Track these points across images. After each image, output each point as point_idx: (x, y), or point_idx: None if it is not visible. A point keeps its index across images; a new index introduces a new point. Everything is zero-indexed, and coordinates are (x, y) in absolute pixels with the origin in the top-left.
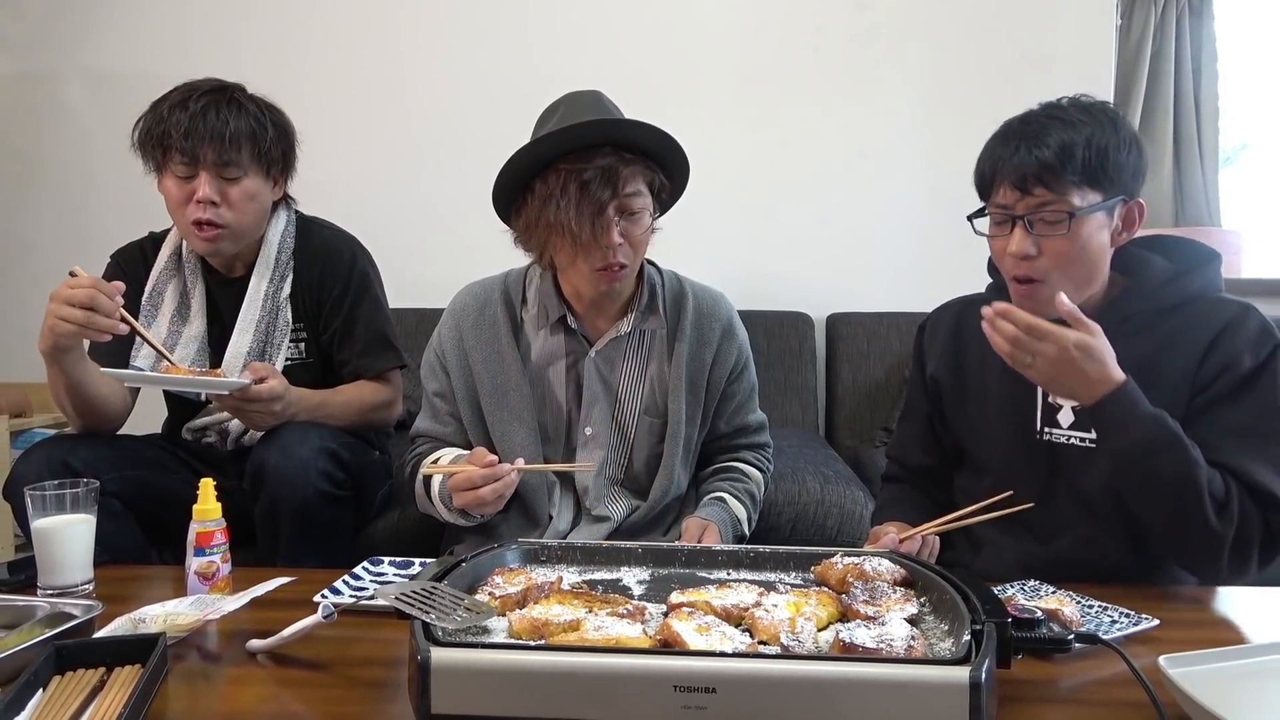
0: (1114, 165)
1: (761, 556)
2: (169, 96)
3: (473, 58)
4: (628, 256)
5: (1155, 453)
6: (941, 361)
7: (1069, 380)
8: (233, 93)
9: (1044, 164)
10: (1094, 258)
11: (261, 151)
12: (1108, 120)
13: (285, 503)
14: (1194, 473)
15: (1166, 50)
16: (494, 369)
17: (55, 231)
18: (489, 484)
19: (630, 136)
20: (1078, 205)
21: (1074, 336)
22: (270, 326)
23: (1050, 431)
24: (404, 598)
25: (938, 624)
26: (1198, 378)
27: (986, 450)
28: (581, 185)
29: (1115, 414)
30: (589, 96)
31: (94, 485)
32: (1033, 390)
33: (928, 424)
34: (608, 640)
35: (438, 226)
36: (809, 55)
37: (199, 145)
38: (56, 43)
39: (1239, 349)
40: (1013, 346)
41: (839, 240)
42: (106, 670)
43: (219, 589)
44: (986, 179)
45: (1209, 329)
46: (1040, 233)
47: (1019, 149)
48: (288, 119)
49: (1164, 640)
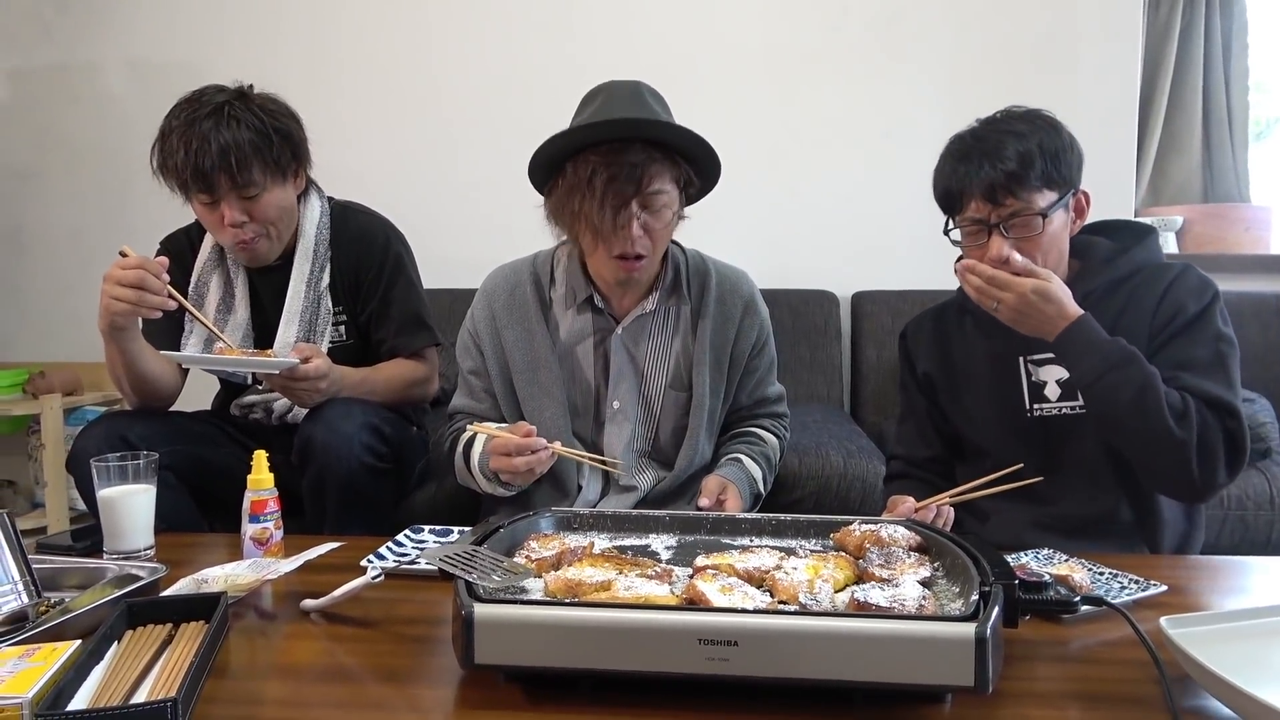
0: (1065, 165)
1: (783, 524)
2: (173, 125)
3: (503, 39)
4: (647, 248)
5: (1113, 369)
6: (930, 360)
7: (1032, 320)
8: (229, 109)
9: (1010, 175)
10: (1060, 246)
11: (270, 161)
12: (1049, 126)
13: (331, 474)
14: (1152, 384)
15: (1196, 24)
16: (525, 347)
17: (101, 217)
18: (522, 455)
19: (661, 134)
20: (1043, 207)
21: (1030, 284)
22: (313, 315)
23: (1040, 408)
24: (448, 559)
25: (949, 586)
26: (1152, 328)
27: (983, 435)
28: (607, 179)
29: (1076, 343)
30: (628, 88)
31: (153, 457)
32: (1017, 374)
33: (927, 418)
34: (637, 598)
35: (469, 208)
36: (834, 35)
37: (210, 174)
38: (98, 33)
39: (1183, 298)
40: (979, 295)
41: (863, 219)
42: (174, 626)
43: (272, 553)
44: (954, 195)
45: (1157, 288)
46: (1016, 235)
47: (983, 165)
48: (289, 114)
49: (1171, 605)
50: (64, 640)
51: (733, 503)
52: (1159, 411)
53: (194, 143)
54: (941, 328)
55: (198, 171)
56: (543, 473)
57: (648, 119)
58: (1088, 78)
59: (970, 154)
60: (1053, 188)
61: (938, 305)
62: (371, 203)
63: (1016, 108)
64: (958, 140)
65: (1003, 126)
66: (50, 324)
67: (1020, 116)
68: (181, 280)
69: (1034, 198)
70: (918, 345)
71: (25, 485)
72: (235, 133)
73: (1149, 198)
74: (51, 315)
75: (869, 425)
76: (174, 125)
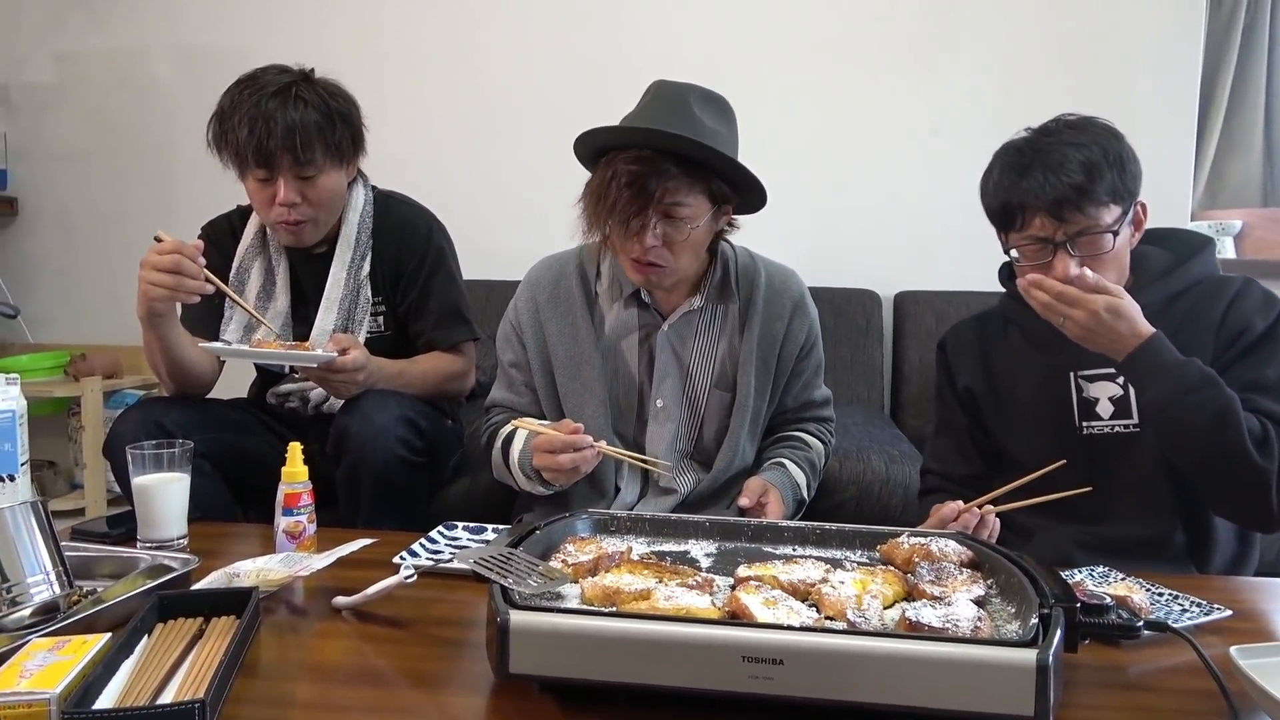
0: (1129, 176)
1: (827, 534)
2: (236, 101)
3: (549, 29)
4: (663, 258)
5: (1190, 392)
6: (972, 374)
7: (1102, 339)
8: (295, 88)
9: (1077, 189)
10: (1122, 265)
11: (332, 144)
12: (1109, 135)
13: (366, 467)
14: (1231, 408)
15: (1260, 22)
16: (568, 341)
17: (144, 202)
18: (567, 452)
19: (681, 149)
20: (1110, 222)
21: (1103, 300)
22: (352, 304)
23: (1091, 425)
24: (483, 562)
25: (1004, 606)
26: (1216, 346)
27: (1029, 453)
28: (624, 185)
29: (1149, 364)
30: (676, 93)
31: (188, 446)
32: (1067, 390)
33: (967, 434)
34: (678, 610)
35: (511, 200)
36: (882, 26)
37: (273, 153)
38: (146, 19)
39: (1249, 314)
40: (1045, 310)
41: (908, 217)
42: (205, 620)
43: (305, 548)
44: (1013, 210)
45: (1218, 304)
46: (1083, 253)
47: (1047, 178)
48: (350, 100)
49: (1236, 631)
50: (95, 632)
51: (774, 506)
52: (1239, 438)
53: (259, 120)
54: (984, 339)
55: (260, 148)
56: (587, 472)
57: (671, 132)
58: (1146, 75)
59: (1031, 167)
60: (1118, 202)
61: (977, 315)
62: (413, 191)
63: (1069, 115)
64: (1013, 152)
65: (1063, 137)
66: (93, 306)
67: (1078, 125)
68: (222, 266)
69: (1101, 213)
70: (958, 357)
71: (65, 467)
72: (301, 113)
73: (1205, 200)
74: (94, 297)
75: (910, 429)
76: (238, 101)
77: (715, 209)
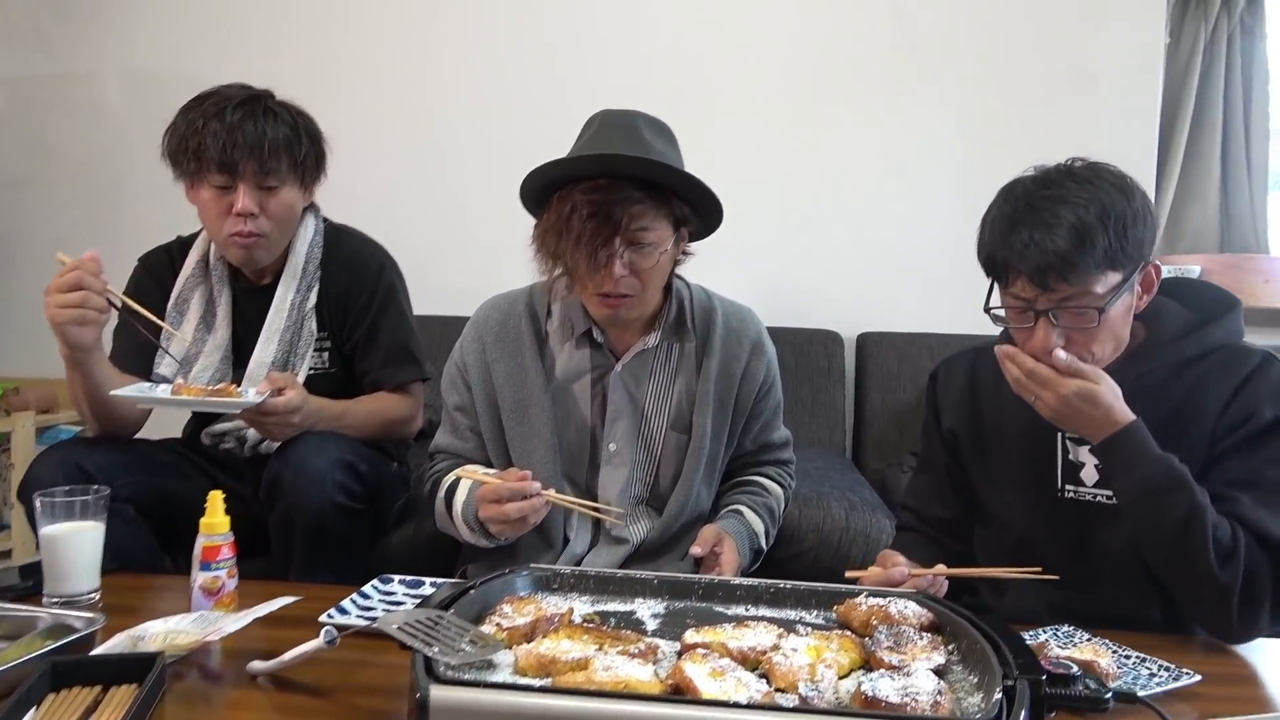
0: (1133, 240)
1: (782, 593)
2: (201, 106)
3: (500, 65)
4: (633, 288)
5: (1159, 493)
6: (958, 415)
7: (1073, 422)
8: (265, 101)
9: (1062, 256)
10: (1120, 334)
11: (298, 160)
12: (1116, 189)
13: (300, 515)
14: (1199, 516)
15: (1216, 70)
16: (516, 383)
17: (89, 231)
18: (515, 501)
19: (647, 172)
20: (1101, 294)
21: (1075, 386)
22: (295, 337)
23: (1073, 490)
24: (407, 628)
25: (966, 676)
26: (1216, 429)
27: (1008, 507)
28: (587, 216)
29: (1122, 454)
30: (624, 120)
31: (104, 492)
32: (1052, 449)
33: (946, 476)
34: (616, 684)
35: (463, 233)
36: (847, 67)
37: (239, 157)
38: (97, 44)
39: (1259, 400)
40: (1017, 387)
41: (872, 257)
42: (103, 689)
43: (224, 605)
44: (997, 265)
45: (1230, 379)
46: (1066, 324)
47: (1031, 239)
48: (317, 124)
49: (1206, 697)
50: None
51: (729, 557)
52: (1203, 549)
53: (227, 126)
54: (975, 378)
55: (226, 153)
56: (536, 523)
57: (631, 155)
58: (1106, 120)
59: (1021, 223)
60: (1117, 268)
61: (975, 348)
62: (362, 222)
63: (1078, 162)
64: (1009, 199)
65: (1061, 192)
66: (32, 337)
67: (1081, 178)
68: (159, 299)
69: (1091, 282)
70: (948, 394)
71: None
72: (271, 124)
73: (1163, 245)
74: (34, 328)
75: (872, 473)
76: (202, 106)
77: (676, 234)
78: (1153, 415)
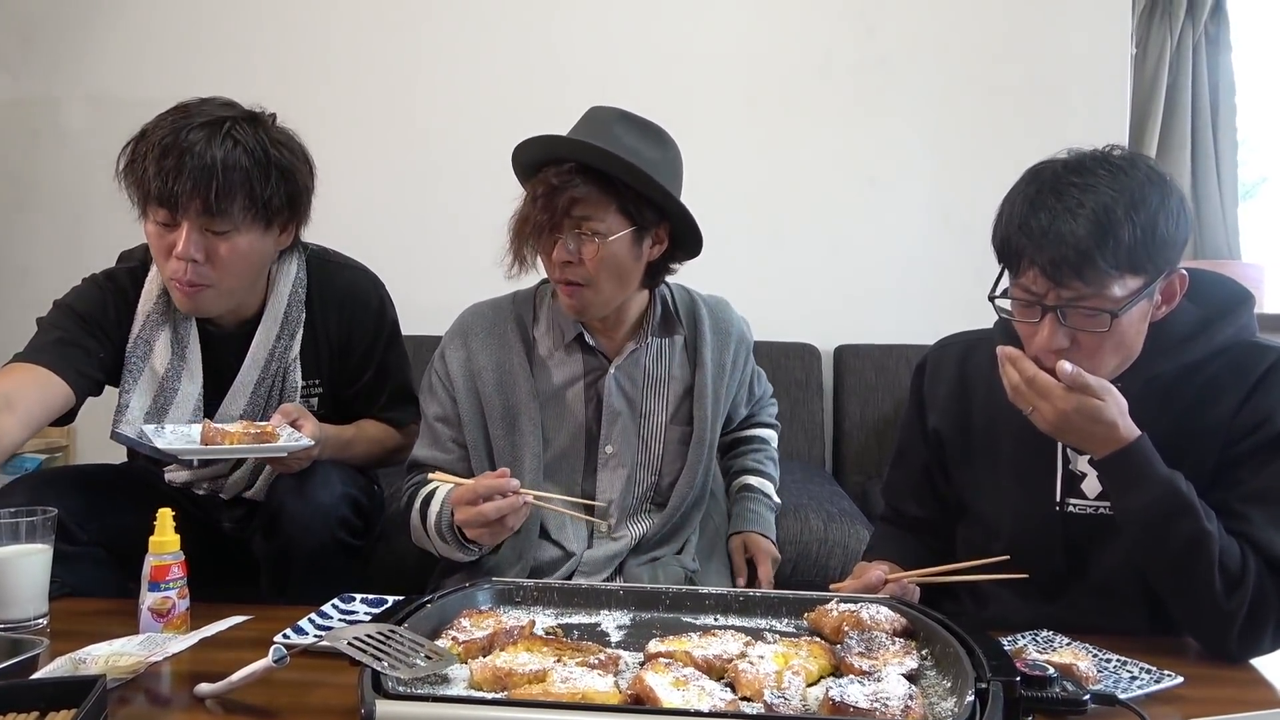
0: (1160, 243)
1: (752, 601)
2: (160, 123)
3: (479, 81)
4: (583, 276)
5: (1166, 519)
6: (945, 413)
7: (1073, 437)
8: (231, 127)
9: (1081, 253)
10: (1131, 345)
11: (258, 199)
12: (1152, 185)
13: (300, 549)
14: (1205, 545)
15: (1183, 81)
16: (506, 391)
17: (52, 256)
18: (493, 500)
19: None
20: (1118, 297)
21: (1075, 402)
22: (271, 391)
23: (1073, 504)
24: (357, 642)
25: (939, 680)
26: (1230, 430)
27: (996, 514)
28: (539, 200)
29: (1124, 473)
30: (603, 114)
31: (51, 514)
32: (1053, 458)
33: (925, 474)
34: (573, 695)
35: (443, 249)
36: (817, 81)
37: (181, 193)
38: (61, 67)
39: (1274, 404)
40: (1014, 394)
41: (847, 270)
42: (41, 714)
43: (174, 627)
44: (1011, 250)
45: (1243, 380)
46: (1075, 325)
47: (1050, 229)
48: (300, 155)
49: (1188, 700)
50: None
51: (764, 570)
52: (1207, 577)
53: (174, 151)
54: (966, 373)
55: (167, 178)
56: (515, 526)
57: (575, 141)
58: (1076, 129)
59: (1041, 207)
60: (1138, 271)
61: (969, 339)
62: (339, 239)
63: (1116, 150)
64: (1034, 180)
65: (1092, 179)
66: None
67: (1117, 167)
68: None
69: (1109, 283)
70: (934, 390)
71: None
72: (227, 153)
73: None
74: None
75: (851, 486)
76: (161, 123)
77: (635, 231)
78: (1161, 420)
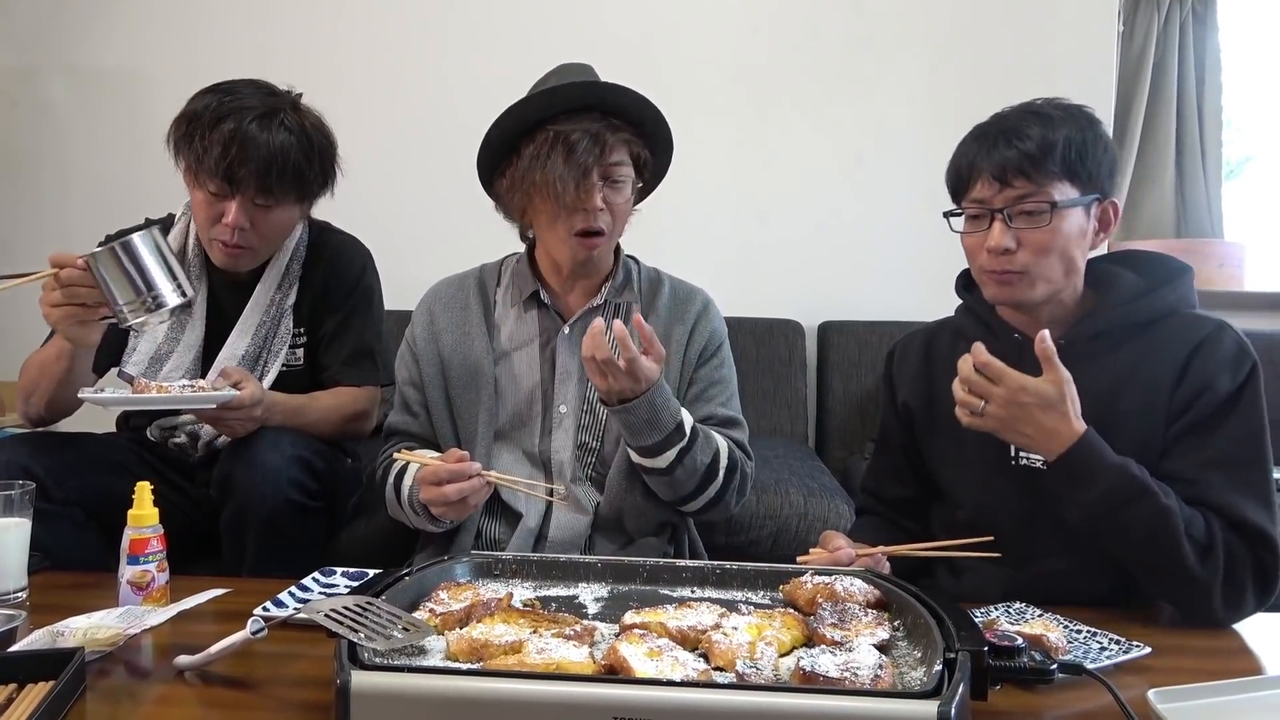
0: (1093, 160)
1: (728, 574)
2: (216, 106)
3: (467, 58)
4: (607, 224)
5: (1123, 505)
6: (913, 389)
7: (1024, 427)
8: (282, 116)
9: (1025, 154)
10: (1072, 253)
11: (303, 181)
12: (1084, 118)
13: (253, 513)
14: (1168, 521)
15: (1169, 59)
16: (463, 351)
17: (33, 229)
18: (455, 482)
19: (617, 102)
20: (1057, 199)
21: (1033, 385)
22: (270, 332)
23: (1027, 457)
24: (334, 614)
25: (910, 651)
26: (1174, 400)
27: (960, 480)
28: (569, 147)
29: (1078, 469)
30: (579, 66)
31: (29, 487)
32: None
33: (903, 455)
34: (547, 665)
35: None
36: (804, 58)
37: (241, 173)
38: (44, 38)
39: (1216, 370)
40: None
41: (832, 246)
42: (18, 687)
43: (153, 600)
44: (963, 176)
45: (1183, 346)
46: (1020, 225)
47: (998, 143)
48: (329, 136)
49: (1156, 670)
50: None
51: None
52: (1177, 549)
53: (238, 140)
54: (930, 353)
55: (232, 163)
56: (477, 505)
57: (602, 83)
58: None
59: (988, 133)
60: (1074, 183)
61: (932, 325)
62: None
63: (1060, 99)
64: (981, 123)
65: (1033, 108)
66: None
67: (1058, 104)
68: None
69: (1050, 186)
70: (903, 370)
71: None
72: (284, 142)
73: (1120, 231)
74: None
75: (834, 462)
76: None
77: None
78: (1103, 373)
